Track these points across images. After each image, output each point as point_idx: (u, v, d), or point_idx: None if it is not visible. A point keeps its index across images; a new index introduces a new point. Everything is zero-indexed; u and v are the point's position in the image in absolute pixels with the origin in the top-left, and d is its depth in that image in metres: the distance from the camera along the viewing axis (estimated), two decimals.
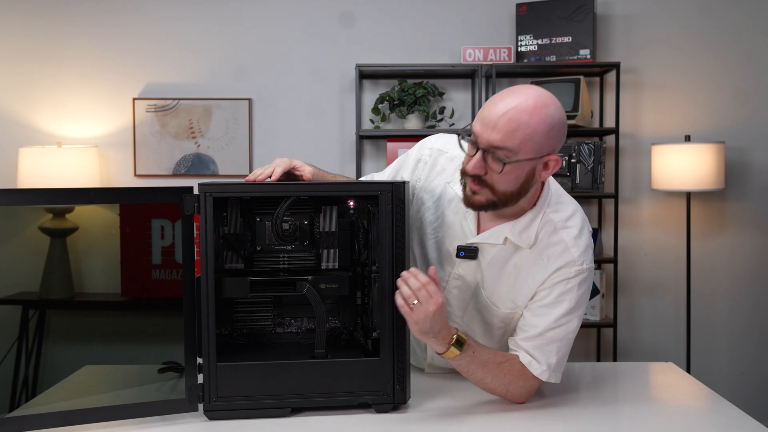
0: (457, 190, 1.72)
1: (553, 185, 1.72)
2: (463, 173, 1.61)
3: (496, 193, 1.57)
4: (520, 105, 1.50)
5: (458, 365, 1.62)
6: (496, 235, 1.66)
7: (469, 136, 1.58)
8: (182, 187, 1.56)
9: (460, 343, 1.58)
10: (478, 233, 1.69)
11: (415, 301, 1.52)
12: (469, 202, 1.61)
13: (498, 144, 1.50)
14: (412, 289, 1.53)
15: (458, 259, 1.70)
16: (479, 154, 1.54)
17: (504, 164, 1.51)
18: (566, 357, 1.69)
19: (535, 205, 1.66)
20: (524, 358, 1.65)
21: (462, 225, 1.71)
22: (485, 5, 3.84)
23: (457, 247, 1.69)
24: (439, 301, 1.53)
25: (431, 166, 1.80)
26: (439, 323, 1.55)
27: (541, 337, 1.64)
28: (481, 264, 1.69)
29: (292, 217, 1.74)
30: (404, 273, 1.55)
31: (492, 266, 1.68)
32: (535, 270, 1.65)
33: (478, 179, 1.56)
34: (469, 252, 1.68)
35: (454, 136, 1.82)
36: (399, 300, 1.54)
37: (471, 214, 1.70)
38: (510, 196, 1.58)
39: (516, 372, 1.65)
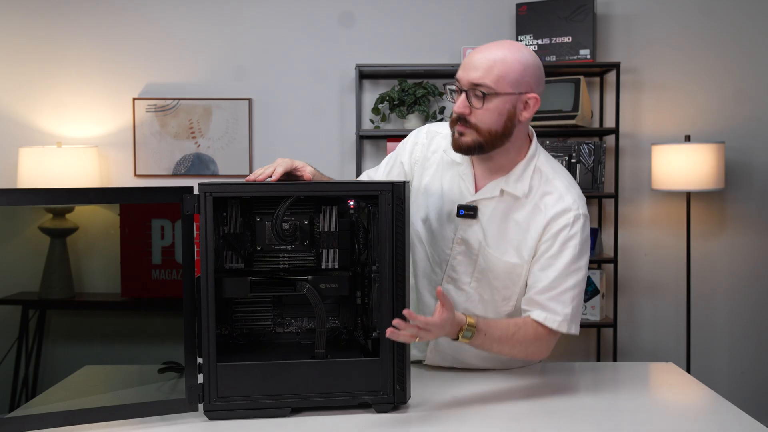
0: (453, 156, 1.81)
1: (540, 147, 1.82)
2: (452, 123, 1.73)
3: (481, 133, 1.68)
4: (496, 49, 1.67)
5: (473, 346, 1.65)
6: (492, 189, 1.76)
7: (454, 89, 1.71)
8: (182, 187, 1.56)
9: (469, 332, 1.60)
10: (476, 192, 1.78)
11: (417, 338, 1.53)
12: (457, 145, 1.72)
13: (477, 81, 1.65)
14: (412, 333, 1.51)
15: (460, 221, 1.78)
16: (463, 95, 1.68)
17: (484, 97, 1.64)
18: (581, 308, 1.74)
19: (525, 157, 1.76)
20: (539, 315, 1.70)
21: (460, 186, 1.80)
22: (485, 5, 3.84)
23: (458, 206, 1.77)
24: (437, 326, 1.53)
25: (427, 146, 1.89)
26: (447, 330, 1.57)
27: (554, 288, 1.70)
28: (481, 222, 1.77)
29: (292, 217, 1.74)
30: (397, 323, 1.50)
31: (493, 221, 1.76)
32: (534, 220, 1.73)
33: (464, 120, 1.68)
34: (468, 210, 1.76)
35: (447, 123, 1.91)
36: (402, 337, 1.52)
37: (468, 176, 1.79)
38: (495, 136, 1.69)
39: (531, 336, 1.69)
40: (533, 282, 1.73)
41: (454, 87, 1.71)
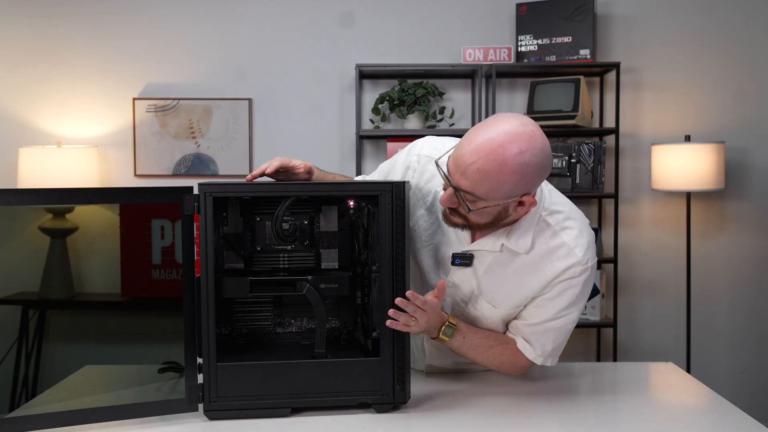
0: None
1: (545, 187, 1.68)
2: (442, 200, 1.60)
3: (470, 223, 1.60)
4: (493, 152, 1.46)
5: (450, 347, 1.69)
6: (492, 242, 1.65)
7: (446, 172, 1.55)
8: (182, 187, 1.56)
9: (450, 330, 1.65)
10: (473, 241, 1.68)
11: (413, 321, 1.58)
12: (447, 220, 1.64)
13: (466, 189, 1.50)
14: (410, 313, 1.57)
15: (453, 267, 1.70)
16: (451, 190, 1.54)
17: (474, 201, 1.52)
18: (563, 344, 1.75)
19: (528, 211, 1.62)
20: (519, 343, 1.72)
21: (456, 232, 1.68)
22: (485, 5, 3.84)
23: (453, 254, 1.68)
24: (432, 307, 1.58)
25: (420, 173, 1.77)
26: (433, 321, 1.62)
27: (540, 326, 1.70)
28: (477, 271, 1.69)
29: (292, 217, 1.74)
30: (399, 302, 1.55)
31: (491, 273, 1.68)
32: (539, 274, 1.65)
33: (453, 209, 1.59)
34: (464, 259, 1.68)
35: (442, 140, 1.80)
36: (398, 326, 1.57)
37: None
38: (485, 226, 1.61)
39: (507, 355, 1.72)
40: (524, 314, 1.71)
41: (445, 169, 1.54)
